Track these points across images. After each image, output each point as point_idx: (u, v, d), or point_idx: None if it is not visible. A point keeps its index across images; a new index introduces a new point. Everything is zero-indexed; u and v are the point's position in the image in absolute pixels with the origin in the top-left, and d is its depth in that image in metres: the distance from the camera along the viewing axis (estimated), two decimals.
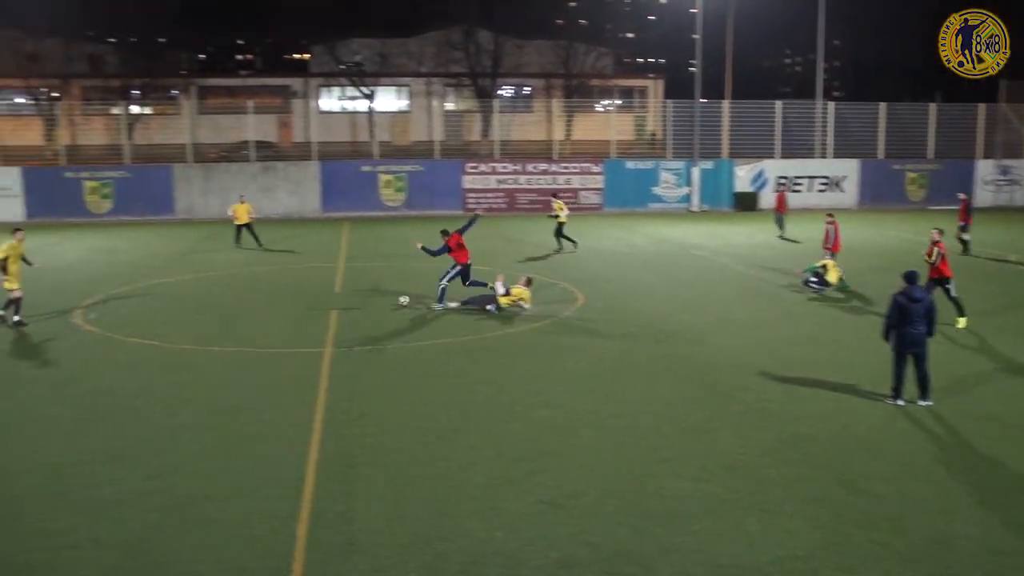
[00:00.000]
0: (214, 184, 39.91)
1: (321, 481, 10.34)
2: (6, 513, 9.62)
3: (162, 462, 11.00)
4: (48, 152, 47.59)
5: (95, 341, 17.37)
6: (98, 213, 39.09)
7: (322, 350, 16.26)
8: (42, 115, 52.35)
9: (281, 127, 58.65)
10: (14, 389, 14.26)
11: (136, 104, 55.03)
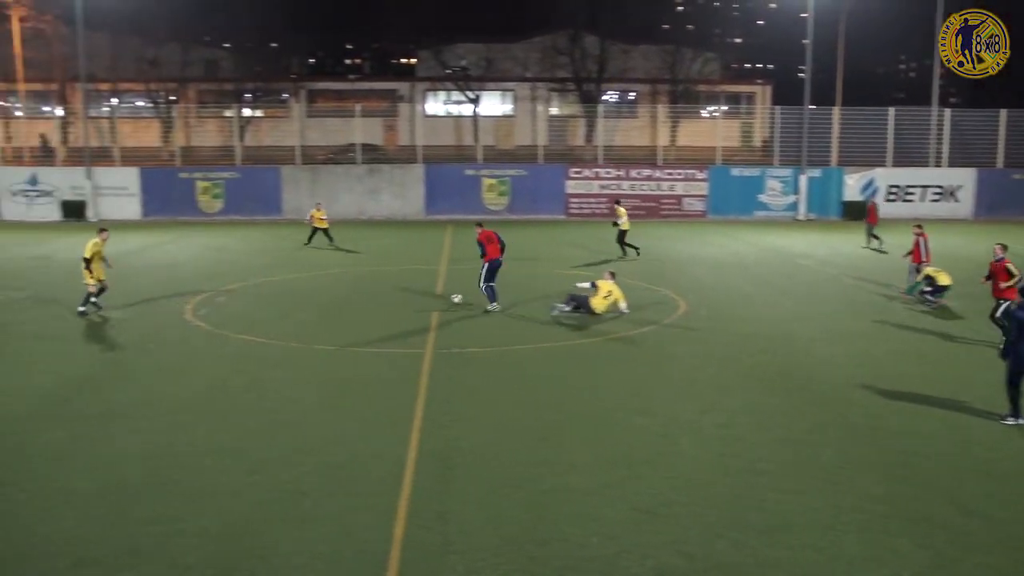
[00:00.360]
0: (321, 185, 40.74)
1: (419, 480, 10.41)
2: (118, 498, 9.94)
3: (265, 456, 11.23)
4: (164, 153, 49.26)
5: (204, 336, 17.86)
6: (209, 212, 40.27)
7: (423, 351, 16.40)
8: (159, 118, 54.24)
9: (387, 130, 59.51)
10: (127, 381, 14.75)
11: (248, 107, 56.58)
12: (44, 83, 57.09)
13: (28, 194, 40.54)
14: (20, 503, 9.83)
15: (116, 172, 41.23)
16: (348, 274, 25.28)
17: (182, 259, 28.19)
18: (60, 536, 9.04)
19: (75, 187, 40.36)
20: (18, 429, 12.26)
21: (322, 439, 11.86)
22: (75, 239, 32.91)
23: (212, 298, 21.66)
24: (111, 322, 19.11)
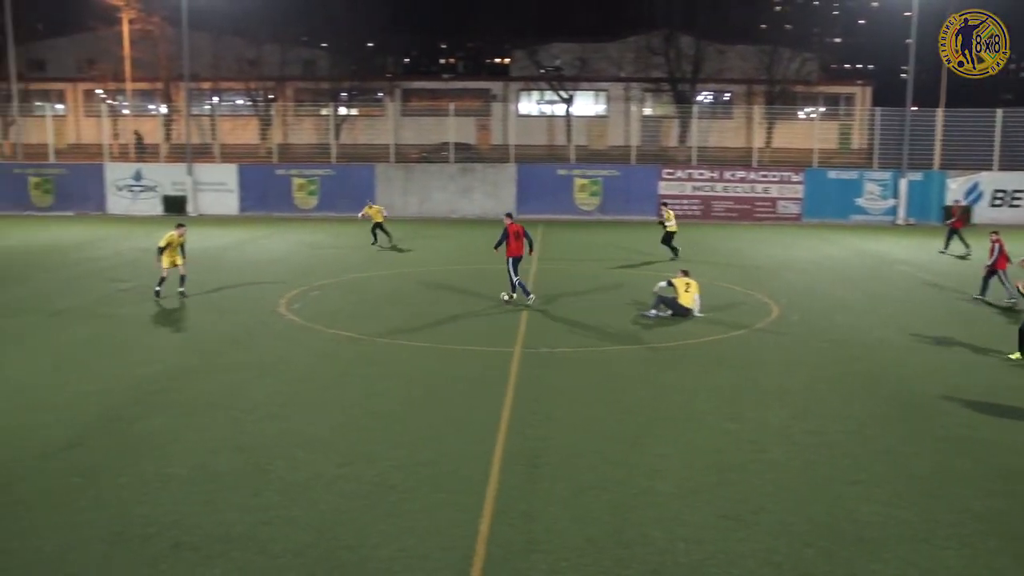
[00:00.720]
0: (414, 184, 41.21)
1: (505, 479, 10.45)
2: (213, 486, 10.20)
3: (355, 450, 11.41)
4: (262, 150, 50.42)
5: (297, 330, 18.22)
6: (304, 209, 41.06)
7: (511, 350, 16.45)
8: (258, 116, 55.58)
9: (480, 130, 59.92)
10: (223, 373, 15.14)
11: (344, 106, 57.52)
12: (150, 82, 58.93)
13: (132, 189, 41.87)
14: (121, 487, 10.17)
15: (215, 168, 42.32)
16: (438, 272, 25.50)
17: (277, 254, 28.80)
18: (158, 520, 9.32)
19: (176, 183, 41.55)
20: (121, 416, 12.68)
21: (410, 434, 11.99)
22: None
23: (305, 293, 22.07)
24: (208, 315, 19.63)
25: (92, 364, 15.56)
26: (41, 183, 42.36)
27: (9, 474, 10.50)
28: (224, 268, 25.92)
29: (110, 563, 8.45)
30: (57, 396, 13.61)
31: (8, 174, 42.90)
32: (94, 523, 9.24)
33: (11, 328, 18.23)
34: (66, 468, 10.70)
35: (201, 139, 49.08)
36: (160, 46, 56.69)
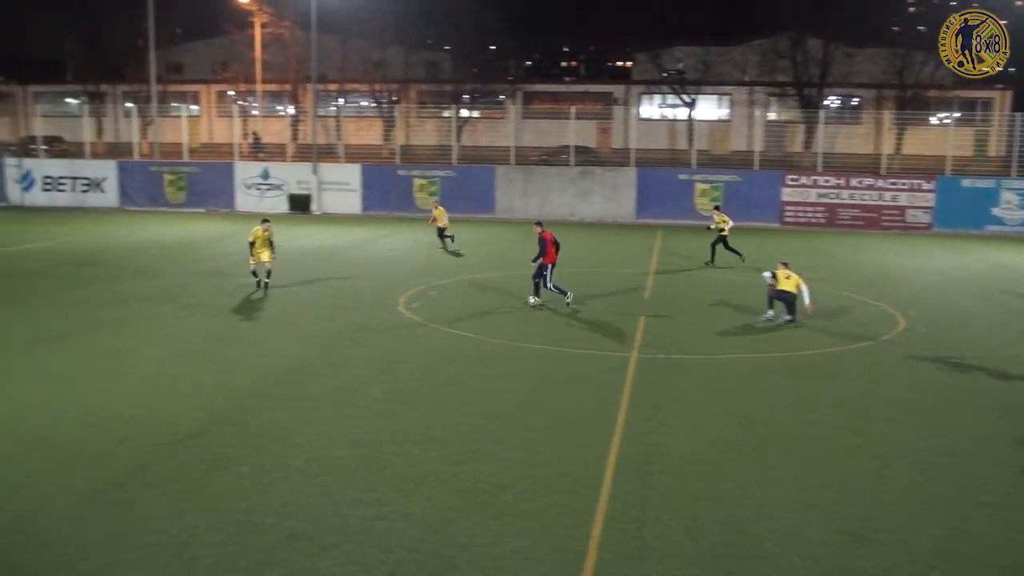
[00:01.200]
0: (533, 186, 41.33)
1: (618, 484, 10.37)
2: (329, 479, 10.42)
3: (470, 449, 11.49)
4: (385, 151, 51.33)
5: (415, 328, 18.47)
6: (425, 209, 41.54)
7: (628, 354, 16.33)
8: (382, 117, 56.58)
9: (600, 133, 59.74)
10: (341, 368, 15.44)
11: (466, 108, 58.10)
12: (279, 84, 60.64)
13: (260, 187, 43.15)
14: (241, 476, 10.47)
15: (339, 168, 43.25)
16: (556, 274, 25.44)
17: (397, 253, 29.26)
18: (277, 509, 9.56)
19: (302, 182, 42.63)
20: (244, 407, 13.07)
21: (525, 436, 12.01)
22: (301, 231, 34.81)
23: (424, 292, 22.35)
24: (329, 311, 20.06)
25: (218, 356, 16.08)
26: (175, 180, 44.06)
27: (140, 459, 10.93)
28: (346, 266, 26.47)
29: (230, 550, 8.71)
30: (185, 386, 14.11)
31: (145, 172, 44.75)
32: (217, 510, 9.54)
33: (144, 319, 19.00)
34: (193, 455, 11.08)
35: (326, 139, 50.23)
36: (290, 49, 58.24)
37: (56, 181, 45.73)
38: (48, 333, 17.50)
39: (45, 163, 46.89)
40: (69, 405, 13.03)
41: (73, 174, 45.73)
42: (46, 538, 8.88)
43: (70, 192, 45.15)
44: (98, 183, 45.04)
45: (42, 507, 9.57)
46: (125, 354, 16.00)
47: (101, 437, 11.71)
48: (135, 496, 9.88)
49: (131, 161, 46.39)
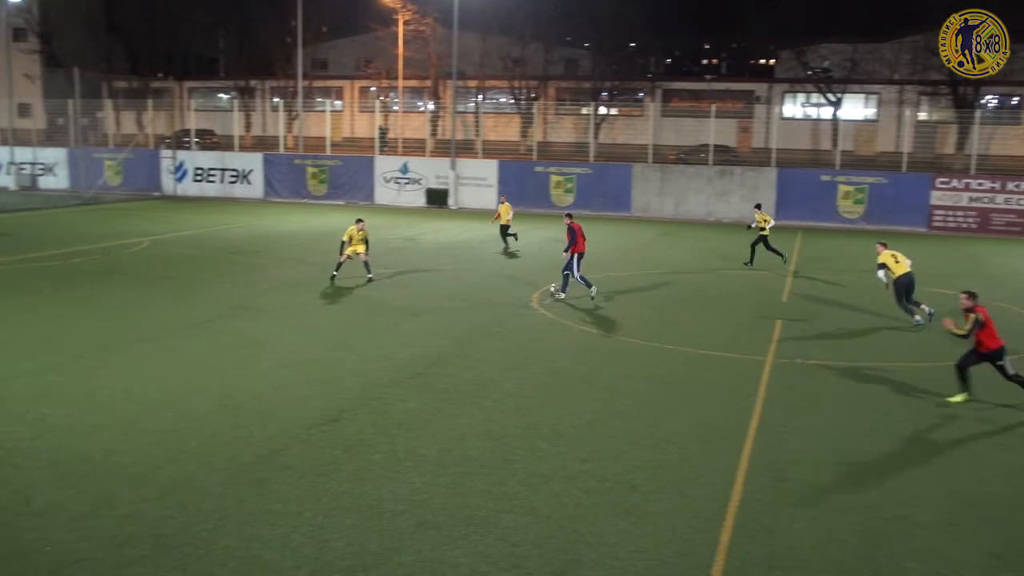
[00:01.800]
0: (670, 185, 40.88)
1: (748, 491, 10.15)
2: (459, 470, 10.53)
3: (599, 447, 11.44)
4: (522, 147, 51.65)
5: (548, 325, 18.50)
6: (560, 206, 41.61)
7: (763, 359, 15.98)
8: (520, 113, 56.93)
9: (741, 132, 58.65)
10: (474, 362, 15.59)
11: (604, 105, 57.93)
12: (420, 80, 61.73)
13: (399, 181, 44.03)
14: (374, 463, 10.69)
15: (477, 164, 43.74)
16: (691, 275, 25.17)
17: (532, 249, 29.37)
18: (407, 497, 9.72)
19: (440, 176, 43.29)
20: (379, 395, 13.34)
21: (655, 436, 11.89)
22: (438, 224, 35.37)
23: (557, 289, 22.35)
24: (463, 305, 20.30)
25: (355, 344, 16.46)
26: (317, 173, 45.37)
27: (278, 442, 11.29)
28: (481, 260, 26.74)
29: (360, 534, 8.89)
30: (323, 372, 14.50)
31: (290, 164, 46.24)
32: (351, 495, 9.76)
33: (286, 307, 19.62)
34: (328, 440, 11.38)
35: (465, 135, 50.89)
36: (431, 46, 59.29)
37: (206, 172, 47.79)
38: (195, 318, 18.28)
39: (197, 155, 49.04)
40: (212, 388, 13.56)
41: (222, 166, 47.69)
42: (189, 512, 9.26)
43: (219, 183, 47.10)
44: (245, 175, 46.83)
45: (187, 483, 9.99)
46: (266, 340, 16.55)
47: (242, 419, 12.15)
48: (272, 477, 10.21)
49: (276, 154, 48.03)
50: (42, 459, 10.57)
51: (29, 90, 66.48)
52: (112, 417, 12.13)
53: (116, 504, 9.42)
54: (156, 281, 22.41)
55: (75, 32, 69.00)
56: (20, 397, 12.86)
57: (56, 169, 49.67)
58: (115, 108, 60.27)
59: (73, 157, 49.33)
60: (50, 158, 50.66)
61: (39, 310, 18.86)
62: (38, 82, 68.17)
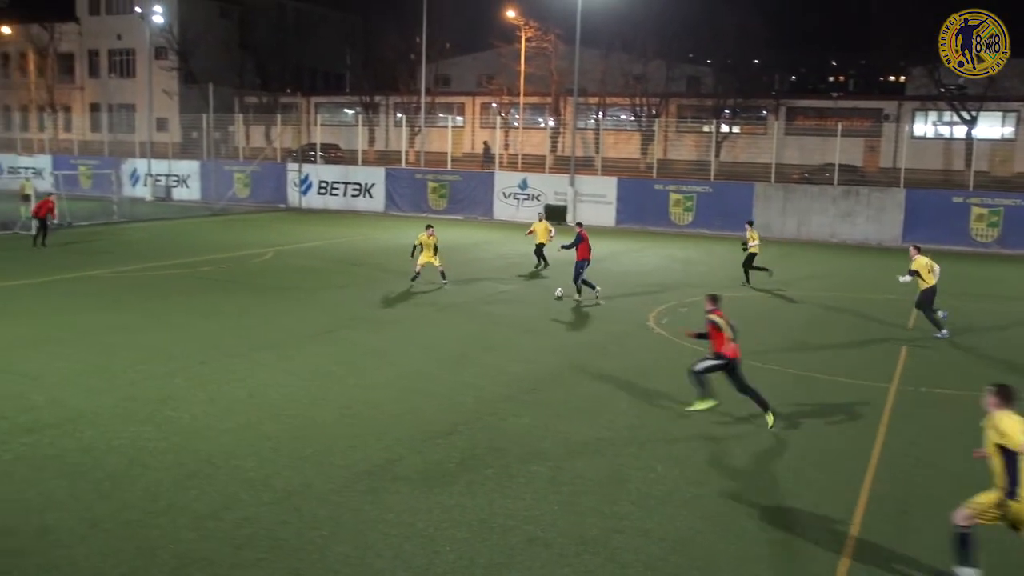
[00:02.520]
0: (793, 205, 40.05)
1: (869, 521, 9.80)
2: (572, 488, 10.48)
3: (714, 469, 11.24)
4: (642, 165, 51.34)
5: (663, 344, 18.30)
6: (679, 224, 41.25)
7: (887, 385, 15.45)
8: (640, 131, 56.61)
9: (868, 151, 57.06)
10: (589, 380, 15.51)
11: (726, 123, 57.16)
12: (540, 97, 62.04)
13: (517, 197, 44.30)
14: (486, 477, 10.72)
15: (596, 181, 43.68)
16: (812, 297, 24.55)
17: (649, 268, 29.15)
18: (517, 513, 9.72)
19: (558, 192, 43.39)
20: (494, 410, 13.40)
21: (773, 462, 11.62)
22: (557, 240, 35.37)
23: (674, 308, 22.13)
24: (579, 321, 20.25)
25: (471, 358, 16.58)
26: (438, 188, 46.03)
27: (393, 452, 11.44)
28: (597, 278, 26.61)
29: (471, 547, 8.92)
30: (439, 386, 14.64)
31: (411, 179, 47.06)
32: (462, 508, 9.81)
33: (404, 319, 19.93)
34: (443, 453, 11.47)
35: (584, 152, 50.90)
36: (553, 62, 59.54)
37: (330, 186, 49.03)
38: (316, 328, 18.71)
39: (321, 168, 50.37)
40: (331, 396, 13.84)
41: (345, 179, 48.85)
42: (305, 518, 9.44)
43: (342, 196, 48.26)
44: (367, 188, 47.86)
45: (303, 489, 10.19)
46: (385, 351, 16.82)
47: (359, 428, 12.36)
48: (387, 487, 10.33)
49: (398, 168, 48.97)
50: (168, 460, 10.95)
51: (167, 105, 69.34)
52: (234, 421, 12.49)
53: (235, 507, 9.68)
54: (279, 290, 23.03)
55: (211, 50, 71.76)
56: (149, 399, 13.37)
57: (189, 181, 51.71)
58: (245, 122, 62.32)
59: (205, 169, 51.28)
60: (184, 170, 52.80)
61: (168, 316, 19.60)
62: (175, 98, 71.08)
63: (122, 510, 9.53)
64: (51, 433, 11.79)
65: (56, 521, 9.23)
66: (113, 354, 16.01)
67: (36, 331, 17.78)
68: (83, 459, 10.93)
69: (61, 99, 78.45)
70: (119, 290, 22.72)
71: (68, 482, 10.22)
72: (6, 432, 11.80)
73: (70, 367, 15.08)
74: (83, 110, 77.88)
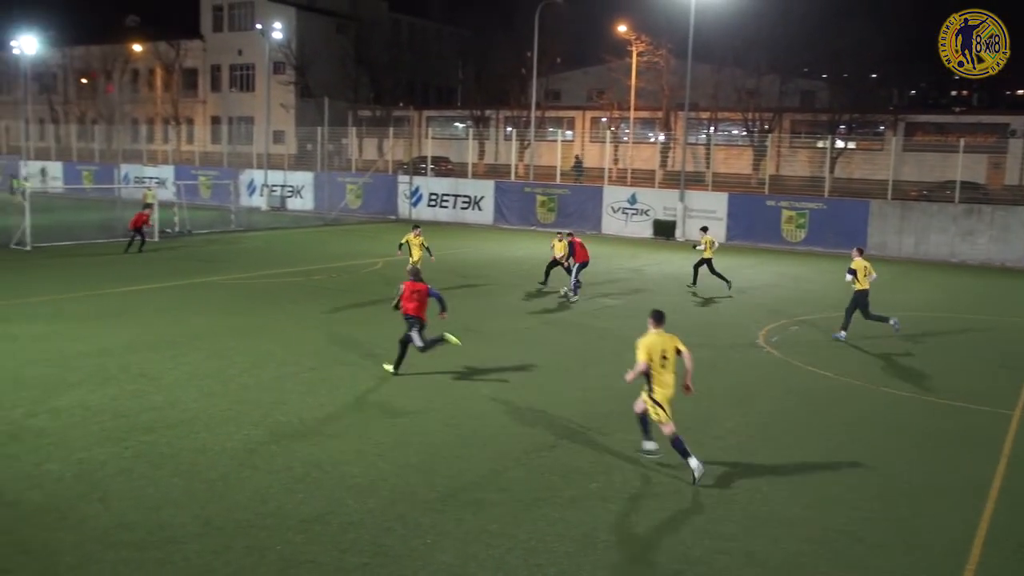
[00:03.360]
0: (910, 223, 38.79)
1: (987, 558, 9.38)
2: (674, 507, 10.35)
3: (822, 493, 10.95)
4: (753, 180, 50.53)
5: (774, 363, 17.94)
6: (791, 241, 40.41)
7: (1010, 412, 14.82)
8: (752, 146, 55.77)
9: (992, 168, 54.99)
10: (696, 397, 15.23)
11: (841, 138, 55.82)
12: (651, 111, 61.67)
13: (626, 211, 44.09)
14: (591, 492, 10.66)
15: (706, 196, 43.13)
16: (931, 318, 23.74)
17: (759, 284, 28.62)
18: (624, 529, 9.66)
19: (667, 208, 43.00)
20: (599, 425, 13.33)
21: (884, 487, 11.24)
22: (663, 256, 35.13)
23: (785, 327, 21.69)
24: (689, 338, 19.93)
25: (577, 372, 16.53)
26: (546, 202, 46.14)
27: (498, 463, 11.48)
28: (706, 294, 26.30)
29: (573, 562, 8.87)
30: (544, 398, 14.65)
31: (520, 192, 47.28)
32: (565, 522, 9.77)
33: (510, 331, 20.02)
34: (547, 466, 11.45)
35: (694, 167, 50.35)
36: (664, 77, 59.14)
37: (440, 198, 49.63)
38: None
39: (431, 181, 51.04)
40: (437, 405, 13.98)
41: (455, 192, 49.38)
42: (409, 525, 9.53)
43: (451, 208, 48.78)
44: (476, 201, 48.27)
45: (408, 496, 10.30)
46: (490, 363, 16.90)
47: (464, 438, 12.44)
48: (491, 498, 10.36)
49: (507, 182, 49.25)
50: (277, 463, 11.20)
51: (283, 118, 71.31)
52: (342, 427, 12.71)
53: (341, 511, 9.83)
54: (388, 300, 23.32)
55: (327, 65, 73.54)
56: (260, 403, 13.71)
57: (303, 191, 53.01)
58: (358, 135, 63.66)
59: (319, 180, 52.49)
60: (298, 181, 54.19)
61: (280, 323, 20.09)
62: (292, 111, 73.04)
63: (233, 510, 9.78)
64: (168, 433, 12.19)
65: (171, 518, 9.53)
66: (227, 358, 16.49)
67: (155, 334, 18.44)
68: (197, 459, 11.27)
69: (184, 112, 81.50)
70: (234, 296, 23.40)
71: (183, 481, 10.55)
72: (127, 430, 12.26)
73: (186, 369, 15.59)
74: (204, 122, 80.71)
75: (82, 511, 9.66)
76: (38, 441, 11.77)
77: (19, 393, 13.92)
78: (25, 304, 21.27)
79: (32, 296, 22.32)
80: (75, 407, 13.26)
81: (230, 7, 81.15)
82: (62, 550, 8.77)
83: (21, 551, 8.74)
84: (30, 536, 9.06)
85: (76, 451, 11.42)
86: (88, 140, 72.47)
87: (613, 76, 61.89)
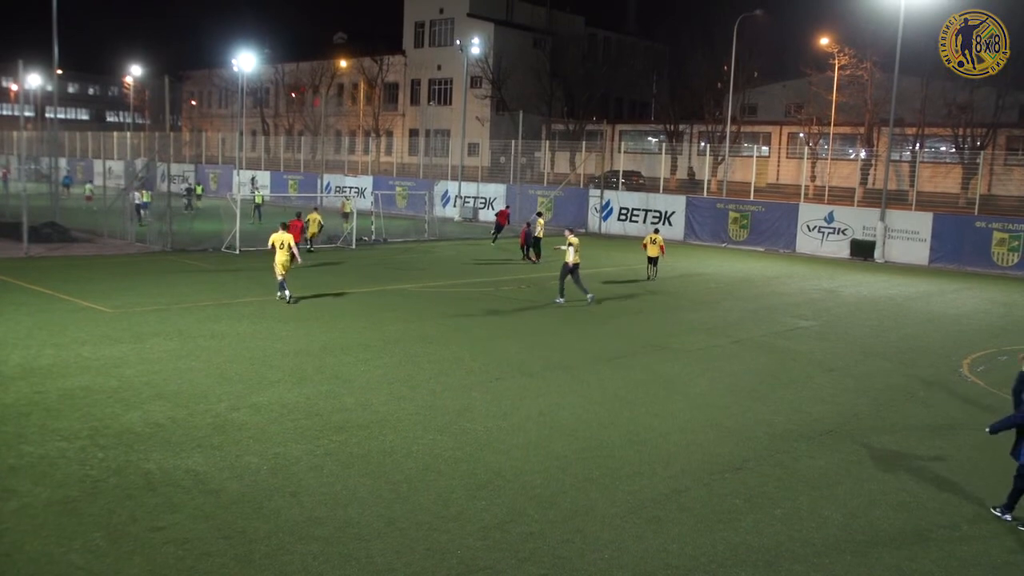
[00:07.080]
0: None
1: None
2: (864, 541, 9.86)
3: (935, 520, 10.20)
4: (962, 200, 47.86)
5: (978, 393, 16.87)
6: (1003, 265, 37.99)
7: None
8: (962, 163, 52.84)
9: None
10: (892, 425, 14.56)
11: None
12: (852, 127, 59.46)
13: (822, 230, 42.59)
14: (775, 517, 10.30)
15: (908, 216, 41.10)
16: None
17: (965, 311, 27.02)
18: (806, 559, 9.26)
19: (867, 227, 41.27)
20: (787, 449, 12.87)
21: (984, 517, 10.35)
22: (861, 277, 33.76)
23: (993, 356, 20.37)
24: (885, 363, 19.08)
25: (766, 394, 16.05)
26: (739, 218, 45.20)
27: (679, 483, 11.25)
28: (906, 317, 25.09)
29: None
30: (730, 419, 14.28)
31: (712, 208, 46.52)
32: (747, 547, 9.47)
33: (698, 349, 19.64)
34: (730, 489, 11.14)
35: (897, 185, 48.16)
36: (868, 91, 56.88)
37: (630, 212, 49.48)
38: (610, 352, 18.84)
39: (622, 195, 50.95)
40: (621, 421, 13.85)
41: (645, 207, 49.12)
42: (588, 539, 9.47)
43: (641, 223, 48.47)
44: (667, 216, 47.81)
45: (588, 510, 10.24)
46: (676, 380, 16.65)
47: (646, 455, 12.27)
48: (670, 517, 10.17)
49: (699, 197, 48.54)
50: (461, 469, 11.37)
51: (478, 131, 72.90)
52: (525, 438, 12.78)
53: (522, 521, 9.87)
54: (574, 313, 23.41)
55: (522, 79, 74.76)
56: (447, 410, 13.97)
57: (495, 203, 53.90)
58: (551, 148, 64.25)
59: (511, 193, 53.27)
60: (490, 193, 55.20)
61: (469, 331, 20.45)
62: (486, 124, 74.56)
63: (416, 512, 9.98)
64: (359, 434, 12.59)
65: (357, 515, 9.82)
66: (416, 364, 16.91)
67: (349, 337, 19.13)
68: (384, 461, 11.58)
69: (384, 124, 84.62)
70: (425, 304, 24.01)
71: (370, 480, 10.86)
72: (319, 428, 12.75)
73: (378, 373, 16.09)
74: (403, 135, 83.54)
75: (276, 503, 10.09)
76: (239, 434, 12.40)
77: (224, 388, 14.73)
78: (232, 305, 22.53)
79: (238, 298, 23.62)
80: (273, 404, 13.91)
81: (431, 23, 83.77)
82: (257, 539, 9.18)
83: (222, 536, 9.21)
84: (229, 523, 9.53)
85: (273, 446, 11.96)
86: (295, 151, 76.34)
87: (813, 90, 60.10)
